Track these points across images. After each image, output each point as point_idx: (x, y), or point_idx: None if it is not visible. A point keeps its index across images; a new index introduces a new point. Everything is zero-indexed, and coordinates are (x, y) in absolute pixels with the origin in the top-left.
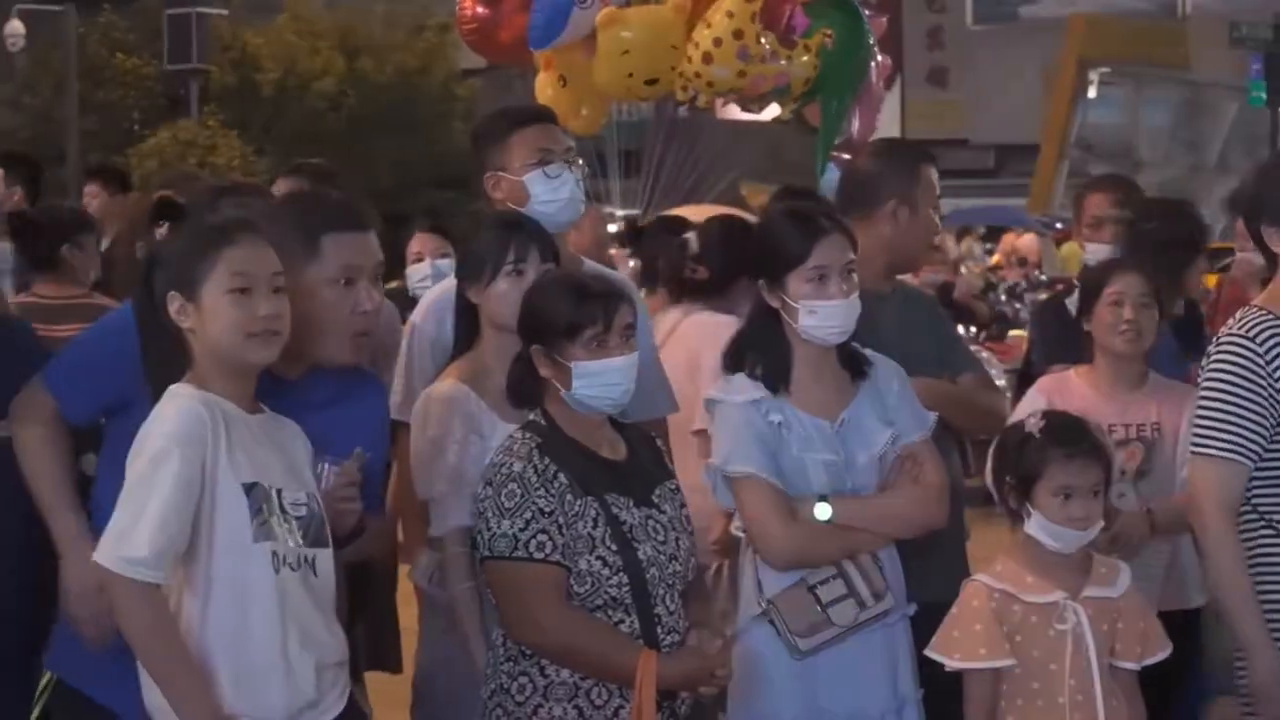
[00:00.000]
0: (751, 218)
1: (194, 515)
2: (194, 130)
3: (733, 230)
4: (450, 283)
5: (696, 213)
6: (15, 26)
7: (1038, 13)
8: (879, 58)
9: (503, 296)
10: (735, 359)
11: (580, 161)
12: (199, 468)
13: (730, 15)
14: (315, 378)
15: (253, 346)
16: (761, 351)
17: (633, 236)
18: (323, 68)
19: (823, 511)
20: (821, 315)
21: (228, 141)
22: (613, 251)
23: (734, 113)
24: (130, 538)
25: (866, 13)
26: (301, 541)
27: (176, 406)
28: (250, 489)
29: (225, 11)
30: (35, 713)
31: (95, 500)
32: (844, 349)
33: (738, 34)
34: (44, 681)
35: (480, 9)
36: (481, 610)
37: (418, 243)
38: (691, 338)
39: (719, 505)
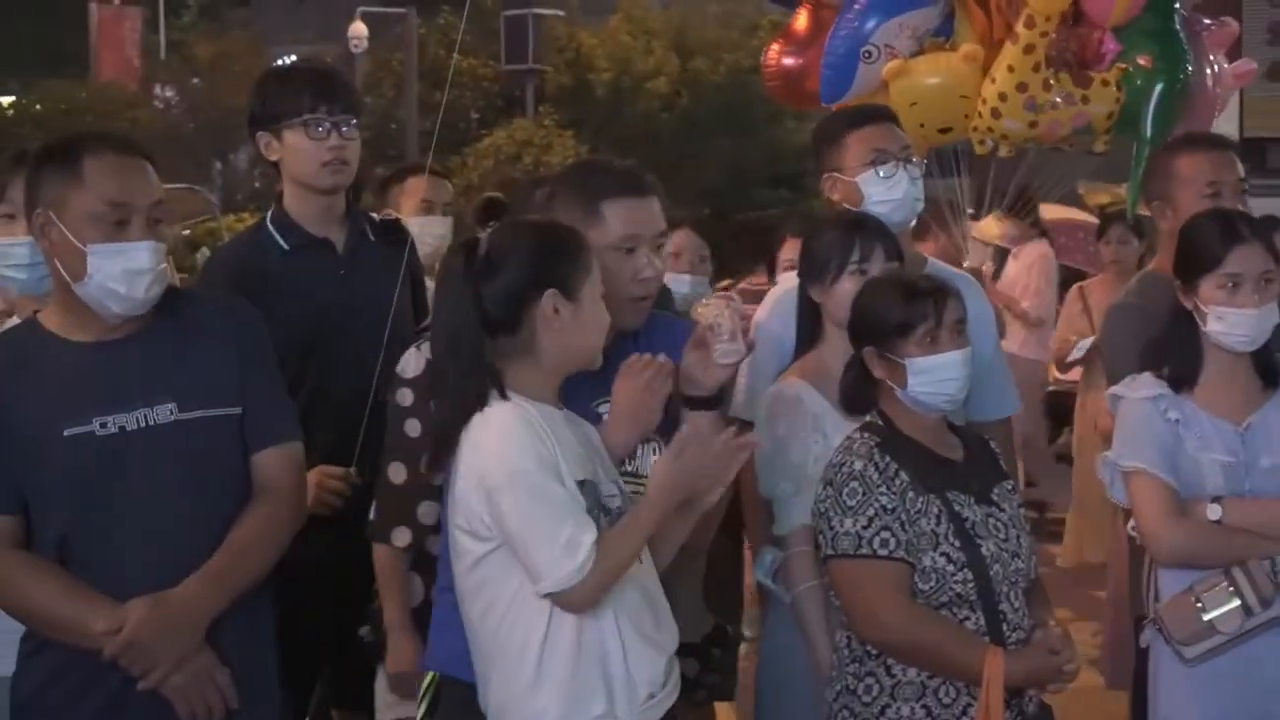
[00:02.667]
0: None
1: None
2: (529, 130)
3: None
4: (794, 281)
5: (1050, 212)
6: (358, 29)
7: None
8: (1217, 66)
9: (846, 296)
10: (1150, 357)
11: (916, 160)
12: (555, 467)
13: (1011, 69)
14: (616, 347)
15: (599, 351)
16: (1173, 351)
17: None
18: (656, 67)
19: (1214, 512)
20: (1230, 322)
21: (562, 141)
22: None
23: None
24: (566, 559)
25: (1207, 21)
26: None
27: (501, 426)
28: (582, 485)
29: (561, 12)
30: (422, 710)
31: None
32: (1260, 355)
33: (1021, 87)
34: (427, 681)
35: (787, 60)
36: (826, 610)
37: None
38: None
39: (1114, 501)
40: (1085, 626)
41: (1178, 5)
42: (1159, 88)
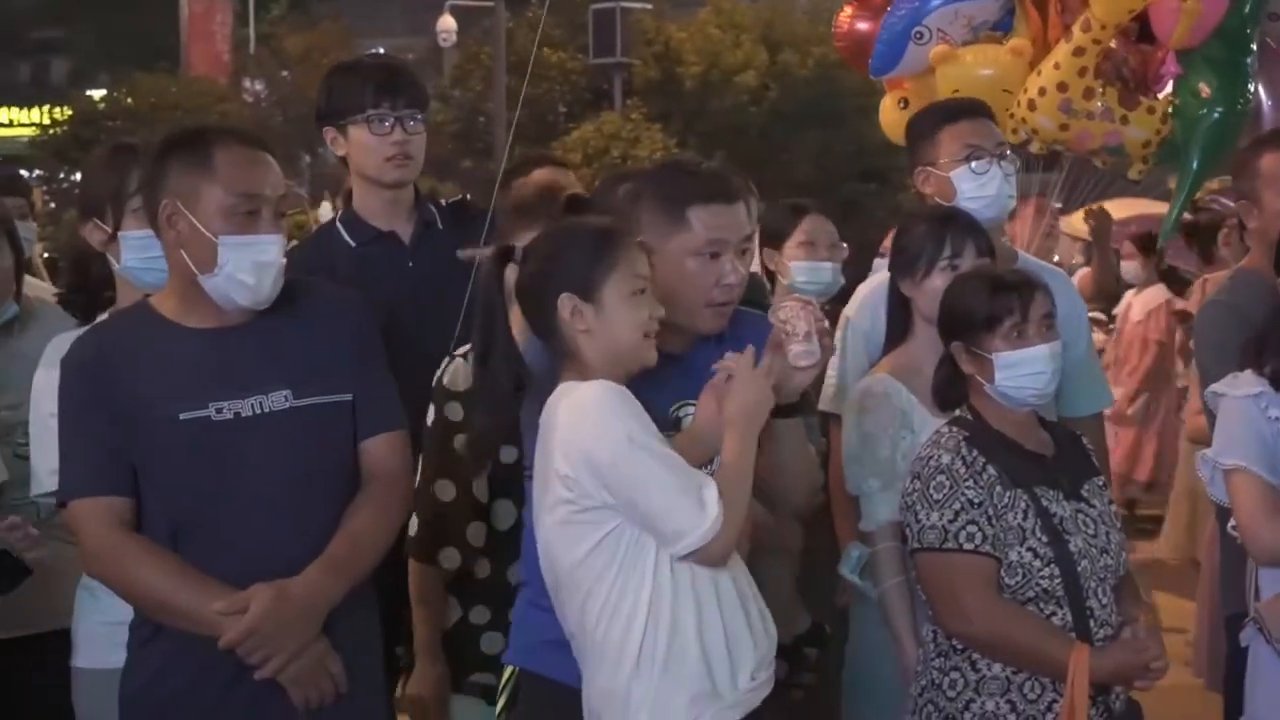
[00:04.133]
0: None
1: None
2: (617, 123)
3: None
4: (883, 276)
5: (1127, 207)
6: (447, 22)
7: None
8: None
9: (936, 291)
10: (1250, 354)
11: (1011, 155)
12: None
13: (1057, 67)
14: (701, 349)
15: (648, 347)
16: (1274, 348)
17: None
18: (745, 61)
19: None
20: None
21: (650, 134)
22: None
23: None
24: (701, 514)
25: None
26: None
27: (596, 401)
28: None
29: (649, 5)
30: (501, 702)
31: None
32: None
33: (1061, 86)
34: (506, 675)
35: (860, 24)
36: (912, 606)
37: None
38: None
39: (1214, 499)
40: (1176, 625)
41: (1254, 42)
42: (1213, 120)
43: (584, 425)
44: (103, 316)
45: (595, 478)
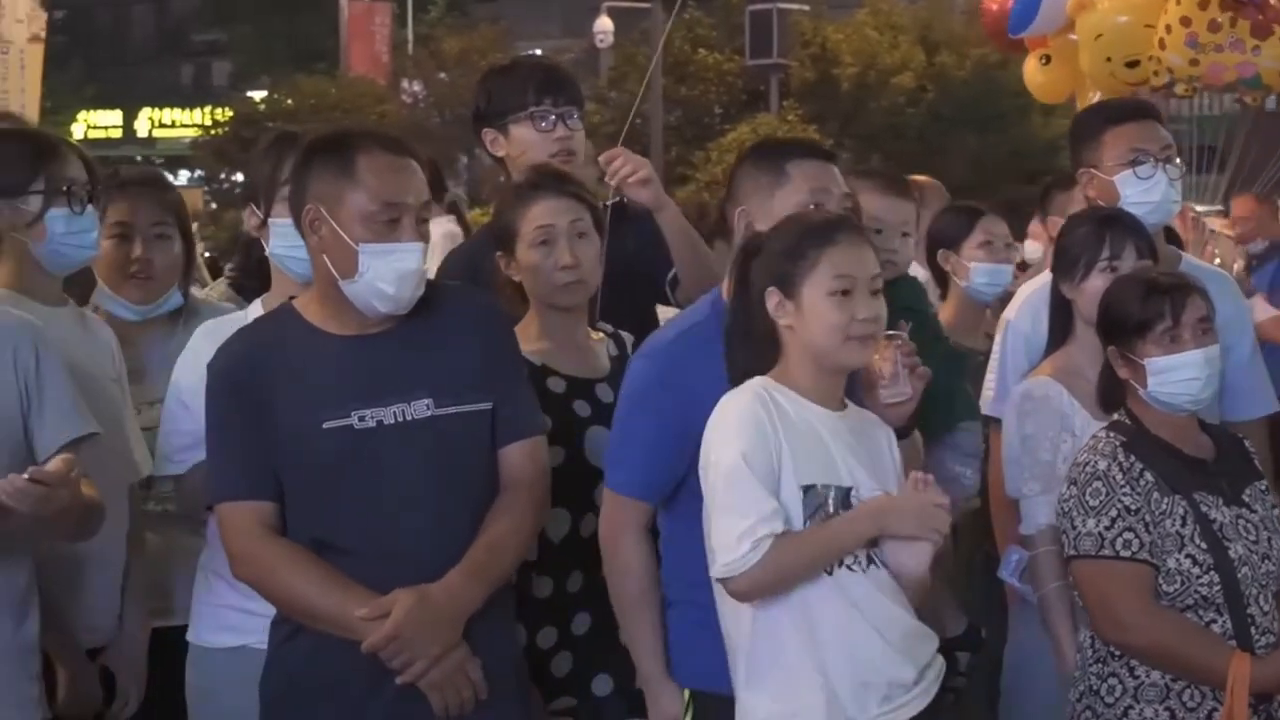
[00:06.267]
0: None
1: None
2: (773, 125)
3: None
4: (1045, 278)
5: None
6: (604, 23)
7: None
8: None
9: (1096, 293)
10: None
11: (1178, 160)
12: (769, 464)
13: (1179, 2)
14: None
15: (850, 350)
16: None
17: None
18: (902, 62)
19: None
20: None
21: (806, 136)
22: None
23: None
24: (735, 547)
25: None
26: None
27: (736, 410)
28: (808, 490)
29: (806, 6)
30: None
31: None
32: None
33: (1185, 21)
34: (686, 698)
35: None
36: (1072, 610)
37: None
38: None
39: None
40: None
41: None
42: None
43: (713, 427)
44: (256, 305)
45: (703, 477)
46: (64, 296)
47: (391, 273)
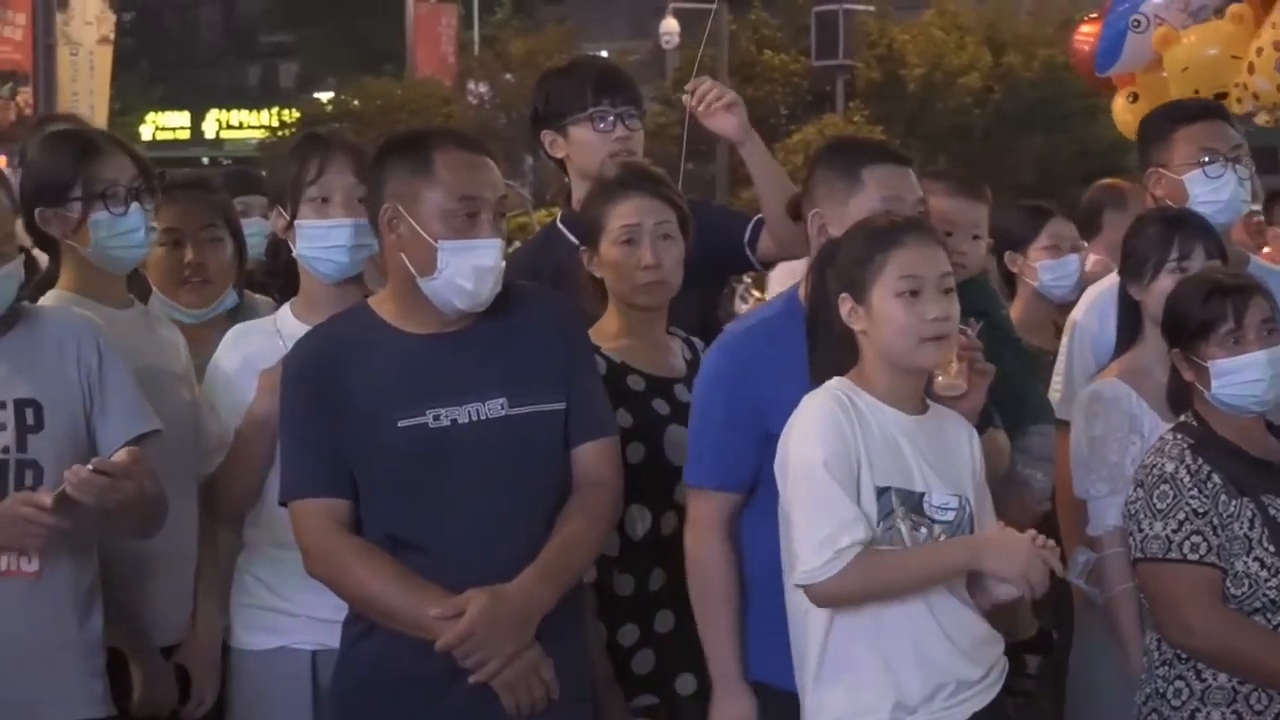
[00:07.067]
0: None
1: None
2: (839, 125)
3: None
4: (1113, 279)
5: None
6: (670, 24)
7: None
8: None
9: (1165, 294)
10: None
11: (1247, 159)
12: (849, 468)
13: (1275, 25)
14: None
15: (925, 351)
16: None
17: None
18: (968, 63)
19: None
20: None
21: (872, 137)
22: None
23: None
24: (816, 554)
25: None
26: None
27: (816, 410)
28: (882, 492)
29: (872, 8)
30: None
31: None
32: None
33: (1277, 45)
34: None
35: (1089, 41)
36: (1139, 613)
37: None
38: None
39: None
40: None
41: None
42: None
43: (791, 430)
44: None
45: (781, 477)
46: (129, 298)
47: (470, 269)
